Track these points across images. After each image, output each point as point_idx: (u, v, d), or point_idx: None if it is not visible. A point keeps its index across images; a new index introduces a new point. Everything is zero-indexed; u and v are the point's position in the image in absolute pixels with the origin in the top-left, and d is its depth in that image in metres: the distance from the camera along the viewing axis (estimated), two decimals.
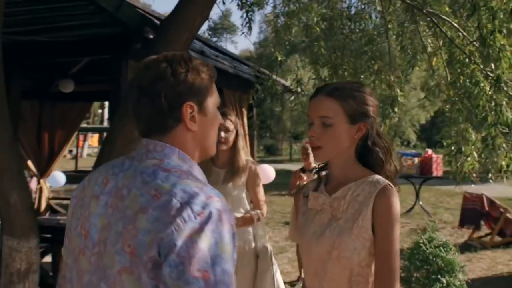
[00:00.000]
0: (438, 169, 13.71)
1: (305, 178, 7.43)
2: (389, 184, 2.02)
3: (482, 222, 10.14)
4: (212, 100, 1.58)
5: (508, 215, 9.65)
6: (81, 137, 33.08)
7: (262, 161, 35.80)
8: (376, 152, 2.12)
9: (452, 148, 4.82)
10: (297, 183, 7.47)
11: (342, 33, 6.35)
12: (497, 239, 9.84)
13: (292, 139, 44.48)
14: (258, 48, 49.70)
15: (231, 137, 4.09)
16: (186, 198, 1.33)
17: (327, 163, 2.23)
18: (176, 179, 1.39)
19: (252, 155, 7.78)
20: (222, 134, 4.00)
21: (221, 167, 4.15)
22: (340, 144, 2.07)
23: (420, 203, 13.29)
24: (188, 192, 1.35)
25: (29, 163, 8.58)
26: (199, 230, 1.29)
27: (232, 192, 4.07)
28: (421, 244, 5.12)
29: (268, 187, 10.13)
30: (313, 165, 7.49)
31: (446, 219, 12.51)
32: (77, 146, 27.36)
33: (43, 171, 8.90)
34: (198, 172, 1.53)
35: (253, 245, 4.14)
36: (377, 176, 2.08)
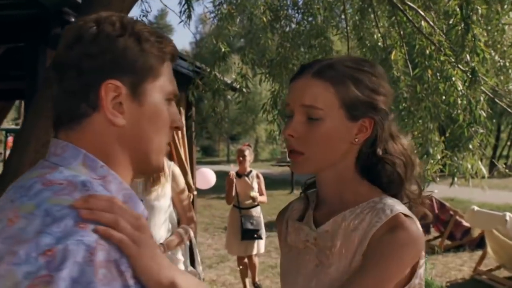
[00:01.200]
0: None
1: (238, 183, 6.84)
2: (404, 214, 1.37)
3: (431, 225, 9.87)
4: (159, 88, 1.16)
5: (458, 218, 9.42)
6: (10, 138, 32.05)
7: (199, 163, 35.44)
8: (390, 164, 1.48)
9: (416, 151, 4.34)
10: (233, 189, 6.82)
11: (289, 25, 5.85)
12: (447, 242, 9.58)
13: (229, 140, 44.26)
14: (194, 48, 49.40)
15: None
16: (45, 224, 0.93)
17: (312, 183, 1.65)
18: (49, 194, 0.99)
19: (191, 157, 7.16)
20: None
21: (137, 177, 3.41)
22: (333, 149, 1.45)
23: None
24: (52, 215, 0.94)
25: None
26: (46, 281, 0.86)
27: (155, 204, 3.42)
28: None
29: (206, 190, 9.71)
30: (249, 169, 6.94)
31: None
32: (5, 148, 26.30)
33: None
34: (119, 187, 1.12)
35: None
36: (387, 199, 1.43)
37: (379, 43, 5.16)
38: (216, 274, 8.23)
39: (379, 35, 4.95)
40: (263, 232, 6.79)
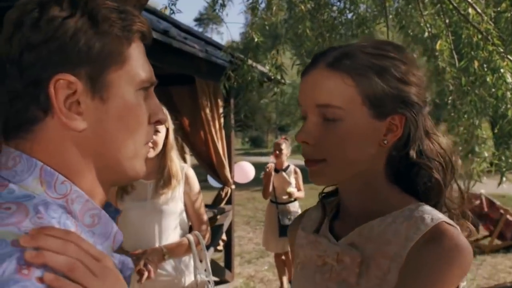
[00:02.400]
0: None
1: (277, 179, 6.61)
2: (446, 222, 1.15)
3: (480, 224, 9.47)
4: (128, 76, 0.94)
5: (508, 217, 9.00)
6: None
7: (247, 154, 35.55)
8: (427, 169, 1.24)
9: (460, 148, 4.06)
10: (270, 184, 6.60)
11: (330, 14, 5.58)
12: (497, 242, 9.16)
13: (278, 131, 44.11)
14: (244, 39, 49.46)
15: (161, 139, 3.17)
16: None
17: (336, 188, 1.40)
18: None
19: (229, 150, 6.99)
20: None
21: (148, 178, 3.22)
22: (358, 154, 1.21)
23: None
24: None
25: None
26: None
27: (164, 208, 3.19)
28: None
29: (249, 183, 9.54)
30: (286, 163, 6.70)
31: None
32: None
33: None
34: (84, 207, 0.91)
35: (190, 280, 3.24)
36: (425, 207, 1.20)
37: (425, 33, 4.86)
38: (255, 269, 8.07)
39: (424, 23, 4.64)
40: None
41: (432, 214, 1.16)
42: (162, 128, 3.13)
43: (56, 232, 0.80)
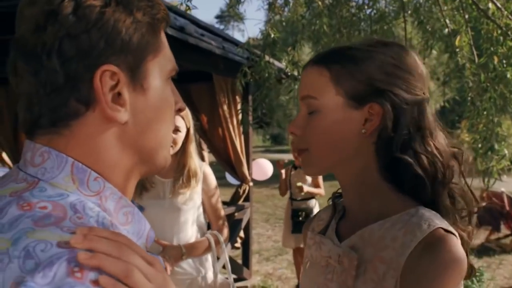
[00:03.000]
0: None
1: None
2: (443, 228, 1.13)
3: (501, 223, 9.34)
4: (160, 66, 0.93)
5: None
6: None
7: (267, 151, 35.52)
8: (408, 163, 1.21)
9: (480, 145, 3.98)
10: (285, 180, 6.61)
11: (348, 10, 5.52)
12: None
13: None
14: (263, 34, 49.45)
15: (181, 138, 3.15)
16: (26, 270, 0.67)
17: None
18: (29, 225, 0.72)
19: (247, 146, 6.97)
20: None
21: (166, 176, 3.21)
22: (338, 142, 1.24)
23: None
24: (35, 257, 0.68)
25: (4, 155, 7.89)
26: None
27: (182, 207, 3.17)
28: None
29: (269, 180, 9.50)
30: None
31: None
32: None
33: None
34: (118, 204, 0.89)
35: (210, 279, 3.23)
36: (424, 211, 1.19)
37: (445, 29, 4.78)
38: (273, 267, 8.05)
39: (443, 19, 4.56)
40: None
41: (429, 220, 1.14)
42: (182, 127, 3.12)
43: (107, 233, 0.76)
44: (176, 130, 3.06)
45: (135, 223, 0.91)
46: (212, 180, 3.35)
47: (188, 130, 3.18)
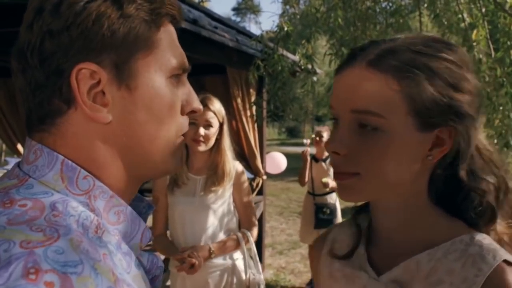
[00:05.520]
0: None
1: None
2: (507, 261, 1.00)
3: None
4: (157, 63, 0.88)
5: None
6: None
7: (283, 144, 35.48)
8: (479, 192, 1.08)
9: (495, 141, 3.93)
10: (307, 170, 6.46)
11: (363, 3, 5.47)
12: None
13: (315, 121, 43.91)
14: (277, 27, 49.50)
15: (213, 134, 3.10)
16: None
17: (367, 203, 1.25)
18: (2, 223, 0.72)
19: (261, 140, 6.94)
20: (201, 130, 3.03)
21: (199, 173, 3.19)
22: (399, 170, 1.03)
23: None
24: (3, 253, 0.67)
25: (19, 147, 7.94)
26: None
27: (213, 206, 3.14)
28: None
29: (284, 173, 9.48)
30: (326, 153, 6.51)
31: None
32: None
33: None
34: (108, 204, 0.86)
35: (242, 278, 3.22)
36: (481, 238, 1.05)
37: (461, 22, 4.72)
38: (286, 261, 8.03)
39: (459, 12, 4.50)
40: (338, 220, 6.35)
41: (493, 251, 1.00)
42: (214, 123, 3.08)
43: None
44: (208, 125, 3.03)
45: (127, 222, 0.89)
46: (244, 179, 3.31)
47: (221, 125, 3.14)
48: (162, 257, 3.43)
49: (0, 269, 0.65)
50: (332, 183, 6.26)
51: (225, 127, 3.17)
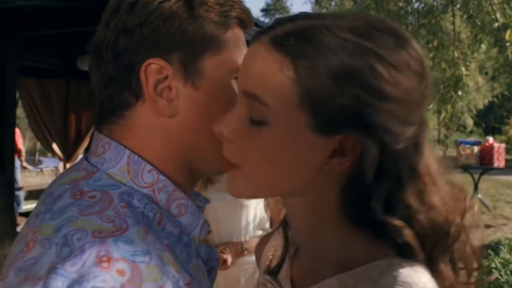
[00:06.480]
0: (500, 160, 12.39)
1: None
2: None
3: None
4: (223, 63, 0.90)
5: None
6: None
7: None
8: (396, 231, 0.82)
9: None
10: None
11: (396, 4, 5.50)
12: None
13: None
14: None
15: None
16: (60, 257, 0.70)
17: None
18: (74, 213, 0.76)
19: None
20: None
21: None
22: (282, 173, 0.83)
23: (479, 196, 12.00)
24: (71, 245, 0.71)
25: (54, 146, 8.11)
26: None
27: (245, 203, 3.14)
28: (494, 269, 3.77)
29: None
30: None
31: (508, 214, 10.93)
32: None
33: (70, 155, 8.36)
34: (171, 197, 0.89)
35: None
36: (402, 266, 0.80)
37: (494, 23, 4.72)
38: None
39: (492, 13, 4.51)
40: None
41: (407, 285, 0.77)
42: None
43: None
44: None
45: (188, 215, 0.91)
46: None
47: None
48: None
49: (74, 257, 0.70)
50: None
51: None
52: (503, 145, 12.02)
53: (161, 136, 0.89)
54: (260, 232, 3.23)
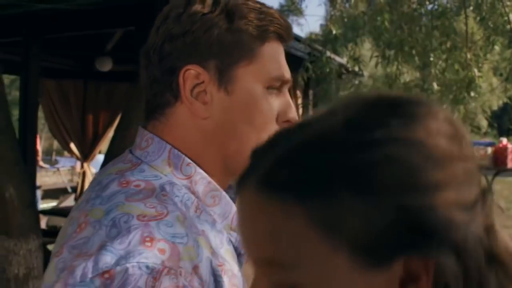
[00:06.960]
0: None
1: None
2: None
3: None
4: (256, 73, 0.97)
5: None
6: None
7: None
8: None
9: None
10: None
11: (409, 6, 5.55)
12: None
13: None
14: (324, 30, 49.11)
15: None
16: (109, 236, 0.80)
17: None
18: (121, 199, 0.87)
19: None
20: None
21: None
22: None
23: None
24: (118, 227, 0.81)
25: (72, 146, 8.23)
26: None
27: None
28: None
29: None
30: None
31: None
32: None
33: (87, 154, 8.49)
34: (207, 188, 0.97)
35: None
36: None
37: (507, 24, 4.76)
38: None
39: (505, 14, 4.56)
40: None
41: None
42: None
43: None
44: None
45: (222, 205, 0.99)
46: None
47: None
48: None
49: (122, 236, 0.79)
50: None
51: None
52: None
53: (197, 135, 0.98)
54: None
